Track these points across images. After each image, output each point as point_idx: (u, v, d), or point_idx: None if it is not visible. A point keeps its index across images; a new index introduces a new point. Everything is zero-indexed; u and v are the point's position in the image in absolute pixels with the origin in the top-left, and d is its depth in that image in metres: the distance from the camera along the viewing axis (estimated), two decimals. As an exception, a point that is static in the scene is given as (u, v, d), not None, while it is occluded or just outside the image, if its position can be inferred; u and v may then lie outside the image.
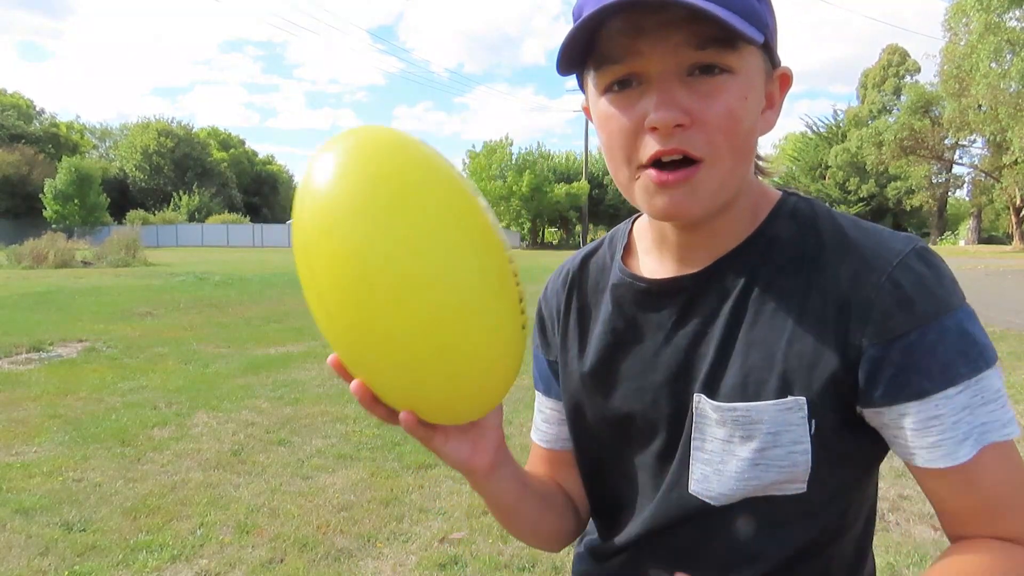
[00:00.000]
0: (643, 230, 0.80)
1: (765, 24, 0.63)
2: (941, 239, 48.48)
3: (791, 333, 0.65)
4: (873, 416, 0.65)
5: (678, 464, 0.72)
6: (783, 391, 0.65)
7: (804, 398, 0.64)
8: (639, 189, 0.65)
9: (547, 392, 0.88)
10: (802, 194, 0.74)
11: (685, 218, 0.66)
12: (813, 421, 0.65)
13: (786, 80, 0.69)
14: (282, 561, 2.83)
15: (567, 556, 2.87)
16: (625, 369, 0.76)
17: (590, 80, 0.67)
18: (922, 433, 0.62)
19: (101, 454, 4.05)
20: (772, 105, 0.68)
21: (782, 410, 0.65)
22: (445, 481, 3.68)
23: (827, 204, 0.73)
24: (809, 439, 0.65)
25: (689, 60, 0.61)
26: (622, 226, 0.84)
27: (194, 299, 11.90)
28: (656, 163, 0.63)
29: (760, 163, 0.76)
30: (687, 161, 0.62)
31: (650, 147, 0.62)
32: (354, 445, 4.25)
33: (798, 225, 0.70)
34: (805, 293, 0.66)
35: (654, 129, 0.61)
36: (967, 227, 50.47)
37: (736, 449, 0.67)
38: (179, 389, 5.59)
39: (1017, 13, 28.53)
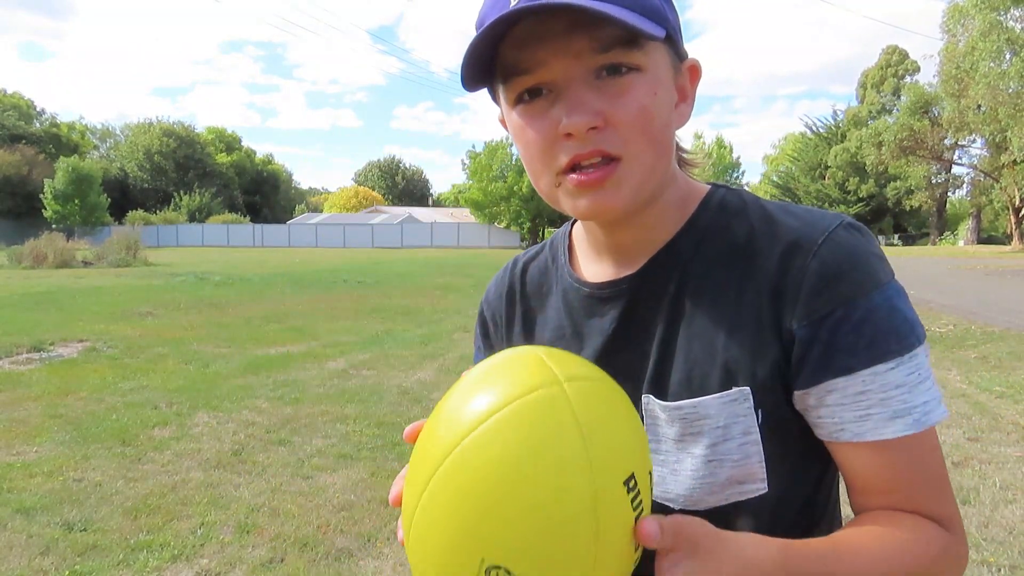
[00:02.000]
0: (580, 235, 0.80)
1: (665, 19, 0.64)
2: (940, 239, 48.46)
3: (730, 324, 0.66)
4: (800, 399, 0.64)
5: None
6: (727, 383, 0.65)
7: (748, 388, 0.64)
8: (563, 195, 0.66)
9: None
10: (731, 186, 0.74)
11: (610, 215, 0.66)
12: (760, 411, 0.65)
13: (695, 72, 0.70)
14: (282, 561, 2.84)
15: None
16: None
17: (500, 93, 0.67)
18: (849, 408, 0.62)
19: (102, 454, 4.05)
20: (685, 98, 0.69)
21: (727, 402, 0.65)
22: (445, 481, 3.68)
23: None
24: (758, 429, 0.65)
25: (595, 63, 0.61)
26: (561, 231, 0.85)
27: (194, 299, 11.91)
28: (575, 167, 0.63)
29: (685, 155, 0.77)
30: (606, 160, 0.63)
31: (567, 153, 0.63)
32: (354, 445, 4.26)
33: (727, 216, 0.70)
34: (740, 283, 0.66)
35: (569, 135, 0.62)
36: (966, 227, 50.45)
37: (689, 447, 0.67)
38: (179, 389, 5.60)
39: (1017, 13, 28.53)
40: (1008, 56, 28.67)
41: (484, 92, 0.69)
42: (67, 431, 4.46)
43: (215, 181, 59.71)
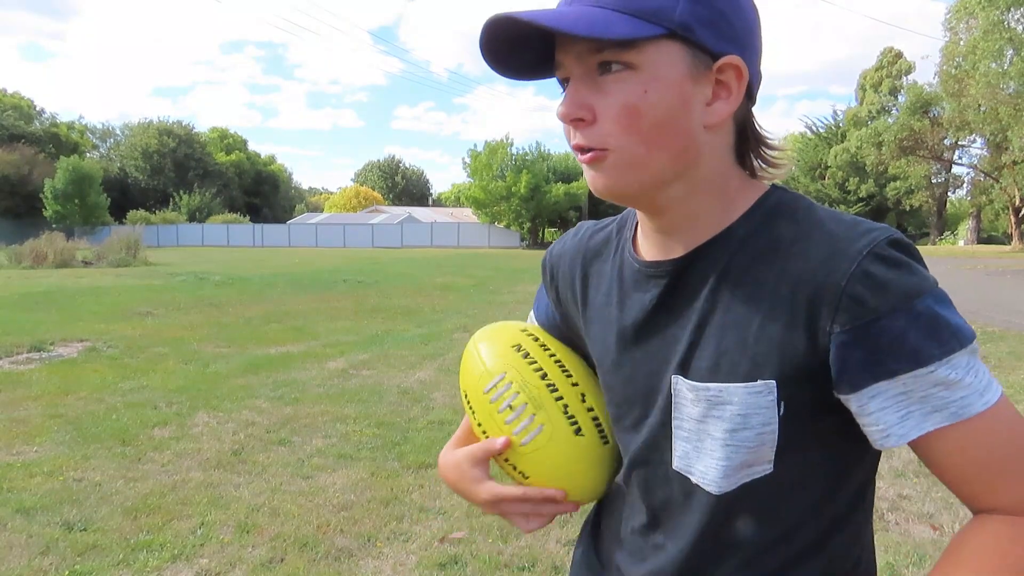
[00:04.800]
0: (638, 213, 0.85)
1: (668, 18, 0.65)
2: (940, 239, 48.46)
3: (763, 317, 0.68)
4: (847, 403, 0.68)
5: (662, 440, 0.77)
6: (753, 374, 0.68)
7: (774, 381, 0.67)
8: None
9: (538, 318, 0.99)
10: (790, 189, 0.76)
11: (605, 194, 0.72)
12: (782, 404, 0.68)
13: (737, 71, 0.69)
14: (282, 561, 2.83)
15: (567, 555, 2.87)
16: (611, 342, 0.82)
17: None
18: (891, 410, 0.65)
19: (102, 454, 4.05)
20: (720, 95, 0.69)
21: (751, 393, 0.68)
22: (445, 481, 3.68)
23: (817, 200, 0.75)
24: (777, 421, 0.68)
25: (594, 61, 0.67)
26: (629, 211, 0.88)
27: (194, 299, 11.91)
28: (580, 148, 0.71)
29: (769, 155, 0.77)
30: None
31: (573, 138, 0.72)
32: (354, 445, 4.26)
33: (777, 216, 0.72)
34: (778, 279, 0.68)
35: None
36: (966, 227, 50.46)
37: (710, 428, 0.71)
38: (179, 389, 5.60)
39: (1017, 14, 28.52)
40: (1009, 55, 28.67)
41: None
42: (67, 431, 4.46)
43: (215, 181, 59.66)
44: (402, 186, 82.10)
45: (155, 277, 16.54)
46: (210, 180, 59.11)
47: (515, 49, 0.70)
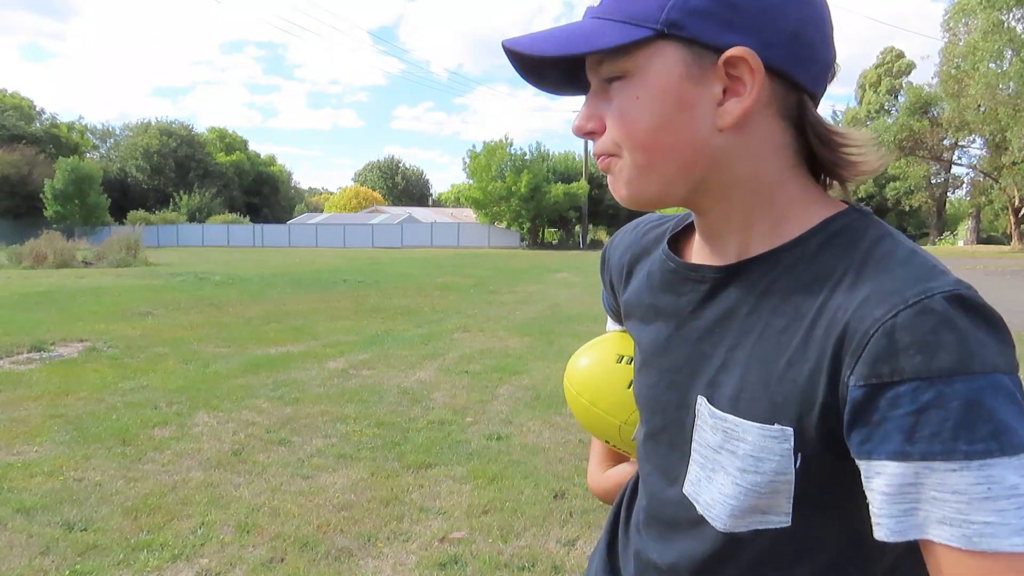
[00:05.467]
0: None
1: (655, 18, 0.61)
2: (940, 239, 48.48)
3: (791, 356, 0.61)
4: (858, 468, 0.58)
5: (680, 457, 0.71)
6: (771, 417, 0.61)
7: (791, 429, 0.60)
8: None
9: (604, 306, 1.00)
10: (867, 212, 0.66)
11: (624, 201, 0.69)
12: (799, 455, 0.60)
13: (743, 63, 0.60)
14: (282, 560, 2.84)
15: (567, 555, 2.88)
16: (645, 344, 0.78)
17: None
18: (893, 500, 0.53)
19: (102, 454, 4.05)
20: (736, 92, 0.61)
21: (766, 437, 0.61)
22: (445, 481, 3.69)
23: (892, 228, 0.65)
24: (793, 471, 0.60)
25: (601, 75, 0.66)
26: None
27: (194, 299, 11.91)
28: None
29: (850, 156, 0.65)
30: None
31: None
32: (354, 445, 4.26)
33: (840, 243, 0.63)
34: (817, 315, 0.60)
35: None
36: (966, 227, 50.48)
37: (724, 461, 0.65)
38: (179, 389, 5.60)
39: (1017, 14, 28.54)
40: (1009, 56, 28.68)
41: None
42: (67, 431, 4.46)
43: (215, 181, 59.62)
44: (402, 186, 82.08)
45: (155, 277, 16.54)
46: (210, 180, 59.09)
47: (543, 67, 0.68)
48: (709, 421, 0.66)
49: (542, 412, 5.00)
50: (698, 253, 0.74)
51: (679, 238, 0.79)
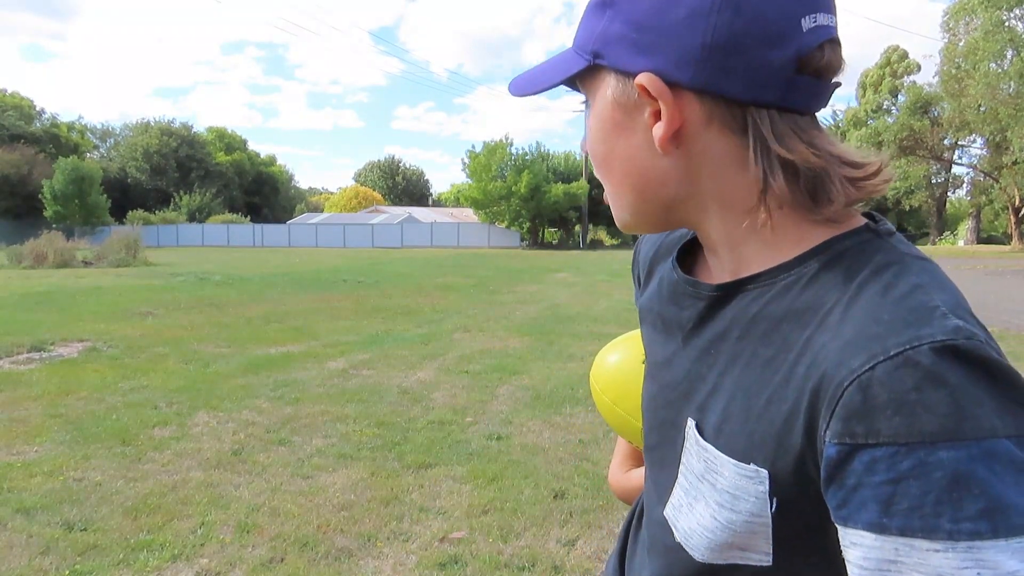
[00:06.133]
0: None
1: (588, 48, 0.61)
2: (940, 239, 48.46)
3: (772, 392, 0.55)
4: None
5: (668, 476, 0.68)
6: (747, 456, 0.56)
7: (766, 472, 0.54)
8: None
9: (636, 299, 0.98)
10: (882, 232, 0.59)
11: (621, 228, 0.69)
12: (775, 500, 0.55)
13: (647, 91, 0.57)
14: (282, 560, 2.84)
15: (567, 555, 2.88)
16: (650, 353, 0.76)
17: None
18: (871, 574, 0.47)
19: (102, 454, 4.05)
20: (656, 115, 0.58)
21: (742, 475, 0.56)
22: (445, 481, 3.69)
23: (910, 254, 0.56)
24: (770, 516, 0.55)
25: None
26: None
27: (194, 299, 11.91)
28: None
29: (854, 173, 0.58)
30: None
31: None
32: (354, 445, 4.26)
33: (840, 267, 0.57)
34: (802, 351, 0.54)
35: None
36: (966, 227, 50.46)
37: (704, 491, 0.61)
38: (179, 389, 5.60)
39: (1018, 13, 28.55)
40: (1010, 55, 28.70)
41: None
42: (67, 431, 4.46)
43: (215, 181, 59.64)
44: (402, 186, 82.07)
45: (155, 277, 16.54)
46: (210, 180, 59.10)
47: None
48: (694, 448, 0.63)
49: (542, 412, 5.00)
50: (702, 267, 0.71)
51: (694, 247, 0.74)
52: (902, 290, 0.52)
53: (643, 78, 0.56)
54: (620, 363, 0.96)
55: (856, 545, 0.48)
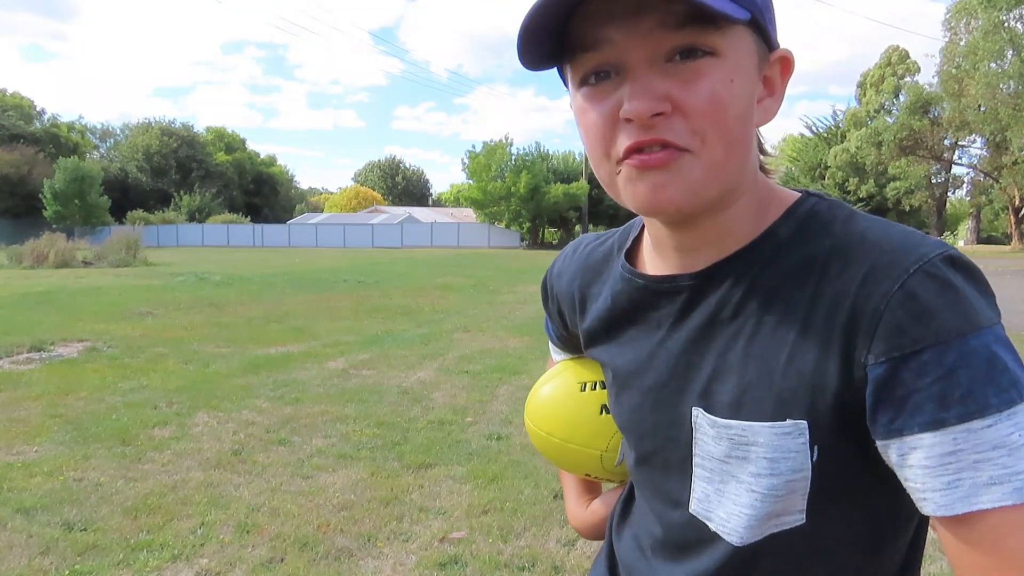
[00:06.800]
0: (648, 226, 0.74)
1: (751, 1, 0.57)
2: (940, 239, 48.43)
3: (792, 349, 0.59)
4: (883, 451, 0.56)
5: (679, 477, 0.68)
6: (781, 413, 0.59)
7: (805, 422, 0.58)
8: (622, 182, 0.60)
9: (551, 339, 0.97)
10: (826, 195, 0.65)
11: (670, 209, 0.59)
12: (816, 448, 0.58)
13: (787, 64, 0.62)
14: (282, 560, 2.84)
15: (567, 555, 2.88)
16: (619, 366, 0.73)
17: (568, 74, 0.62)
18: (935, 472, 0.52)
19: (102, 454, 4.05)
20: (772, 92, 0.62)
21: (779, 434, 0.59)
22: (445, 481, 3.69)
23: (856, 206, 0.64)
24: (810, 467, 0.59)
25: (667, 43, 0.56)
26: (636, 220, 0.78)
27: (195, 299, 11.91)
28: (637, 149, 0.58)
29: (763, 158, 0.68)
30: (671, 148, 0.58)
31: (627, 139, 0.57)
32: (354, 445, 4.26)
33: (812, 227, 0.62)
34: (811, 304, 0.58)
35: (630, 120, 0.56)
36: (966, 227, 50.53)
37: (734, 470, 0.62)
38: (179, 389, 5.60)
39: (1018, 13, 28.56)
40: (1009, 55, 28.71)
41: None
42: (67, 431, 4.46)
43: (215, 181, 59.64)
44: (402, 186, 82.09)
45: (155, 277, 16.54)
46: (211, 180, 59.10)
47: (542, 32, 0.58)
48: (711, 432, 0.63)
49: (542, 412, 4.99)
50: (655, 264, 0.70)
51: (630, 253, 0.75)
52: (882, 227, 0.60)
53: (787, 53, 0.62)
54: (556, 401, 0.91)
55: (916, 449, 0.53)
